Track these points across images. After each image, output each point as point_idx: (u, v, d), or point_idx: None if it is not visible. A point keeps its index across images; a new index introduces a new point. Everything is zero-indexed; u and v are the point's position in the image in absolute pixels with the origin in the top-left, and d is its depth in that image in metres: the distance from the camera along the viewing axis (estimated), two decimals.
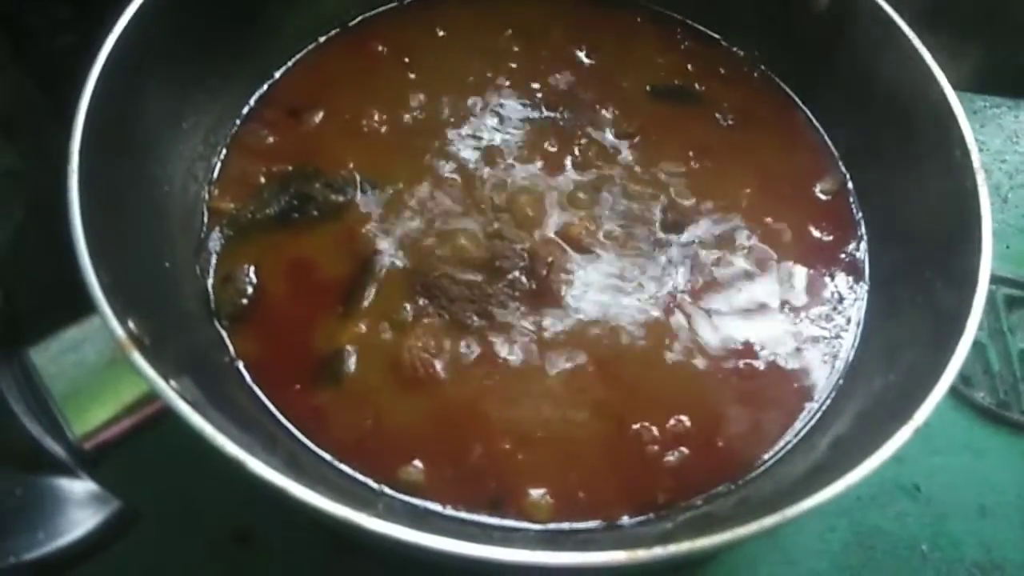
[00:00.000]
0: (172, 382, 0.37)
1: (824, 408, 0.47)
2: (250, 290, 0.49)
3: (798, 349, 0.50)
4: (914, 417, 0.37)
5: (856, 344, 0.50)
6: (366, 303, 0.49)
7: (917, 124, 0.52)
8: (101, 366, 0.38)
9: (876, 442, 0.38)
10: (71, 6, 0.64)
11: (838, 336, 0.50)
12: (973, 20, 0.77)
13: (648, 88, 0.60)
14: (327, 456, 0.45)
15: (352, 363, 0.47)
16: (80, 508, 0.33)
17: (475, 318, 0.49)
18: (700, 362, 0.49)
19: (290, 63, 0.59)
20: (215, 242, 0.51)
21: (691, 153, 0.57)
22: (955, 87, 0.50)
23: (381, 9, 0.62)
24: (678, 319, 0.50)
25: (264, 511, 0.48)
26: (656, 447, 0.46)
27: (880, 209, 0.54)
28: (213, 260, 0.50)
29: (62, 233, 0.40)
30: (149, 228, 0.48)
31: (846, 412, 0.46)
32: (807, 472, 0.43)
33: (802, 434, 0.46)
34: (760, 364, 0.49)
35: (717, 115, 0.59)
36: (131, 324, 0.38)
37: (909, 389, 0.41)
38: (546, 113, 0.58)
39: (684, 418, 0.47)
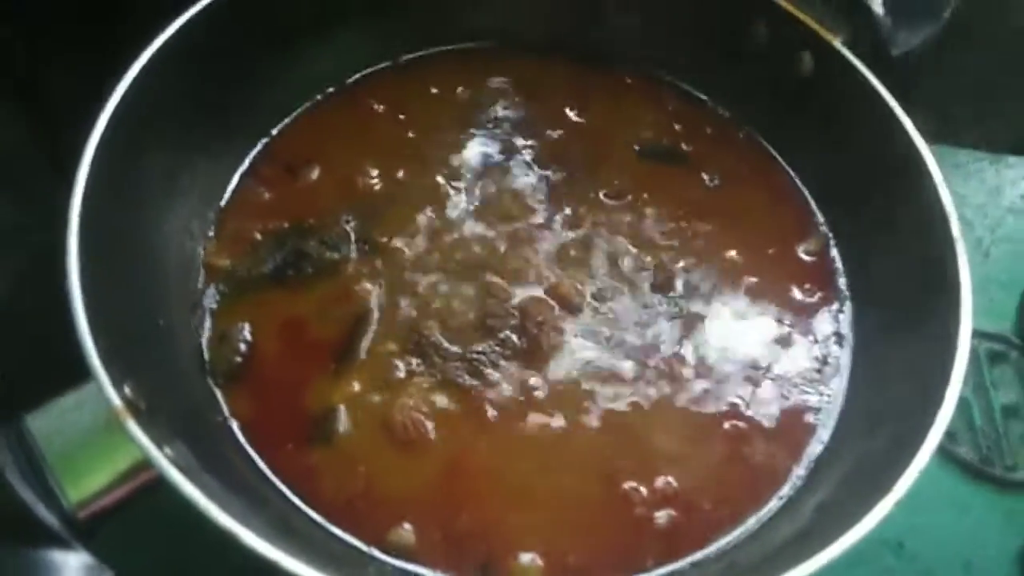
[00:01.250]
0: (166, 449, 0.37)
1: (810, 471, 0.48)
2: (244, 348, 0.50)
3: (784, 411, 0.50)
4: (895, 488, 0.38)
5: (841, 405, 0.51)
6: (359, 361, 0.50)
7: (896, 188, 0.53)
8: (97, 432, 0.38)
9: (859, 511, 0.39)
10: (71, 58, 0.65)
11: (823, 396, 0.51)
12: (953, 79, 0.79)
13: (636, 148, 0.61)
14: (318, 518, 0.45)
15: (344, 422, 0.48)
16: None
17: (467, 377, 0.50)
18: (688, 423, 0.49)
19: (288, 120, 0.60)
20: (210, 299, 0.52)
21: (679, 213, 0.58)
22: (936, 141, 0.52)
23: (377, 68, 0.64)
24: (666, 379, 0.51)
25: None
26: (645, 508, 0.46)
27: (862, 269, 0.56)
28: (208, 318, 0.51)
29: (60, 289, 0.41)
30: (145, 286, 0.49)
31: (831, 476, 0.47)
32: (792, 537, 0.43)
33: (789, 497, 0.47)
34: (746, 425, 0.49)
35: (703, 175, 0.60)
36: (127, 390, 0.39)
37: (893, 454, 0.42)
38: (538, 171, 0.60)
39: (671, 479, 0.47)
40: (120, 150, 0.46)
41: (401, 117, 0.62)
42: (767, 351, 0.53)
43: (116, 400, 0.37)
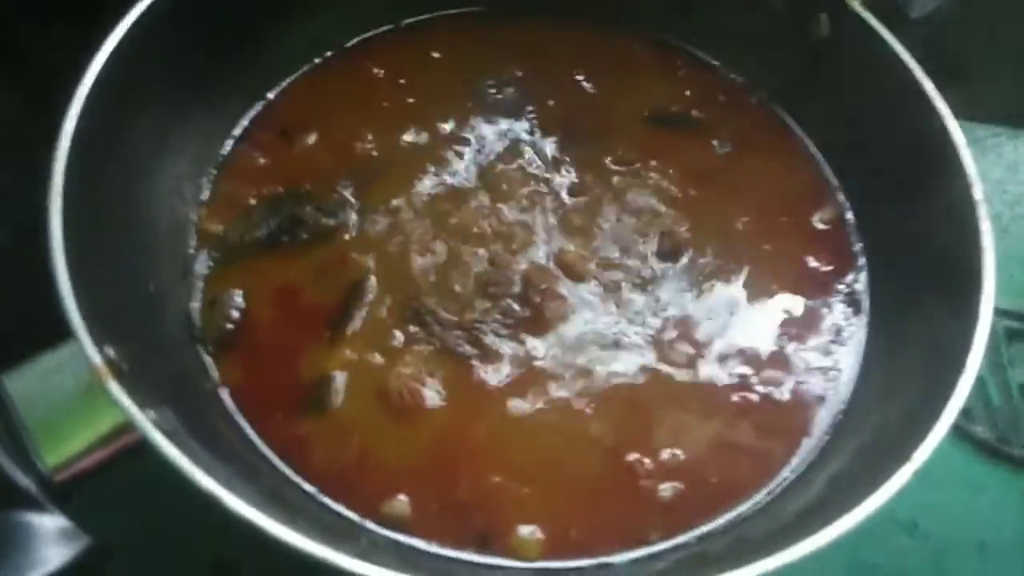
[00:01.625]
0: (149, 411, 0.36)
1: (822, 444, 0.46)
2: (236, 315, 0.48)
3: (796, 382, 0.48)
4: (913, 458, 0.36)
5: (855, 378, 0.49)
6: (354, 329, 0.48)
7: (917, 155, 0.51)
8: (77, 394, 0.36)
9: (874, 482, 0.37)
10: (66, 24, 0.63)
11: (836, 369, 0.49)
12: (973, 48, 0.77)
13: (646, 114, 0.59)
14: (310, 488, 0.43)
15: (338, 391, 0.46)
16: (49, 544, 0.32)
17: (466, 346, 0.48)
18: (695, 394, 0.48)
19: (284, 84, 0.58)
20: (202, 265, 0.50)
21: (689, 181, 0.56)
22: (955, 116, 0.50)
23: (377, 31, 0.62)
24: (673, 349, 0.49)
25: (244, 544, 0.46)
26: (649, 481, 0.45)
27: (879, 241, 0.54)
28: (199, 284, 0.49)
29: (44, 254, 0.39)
30: (134, 249, 0.47)
31: (844, 448, 0.45)
32: (803, 510, 0.42)
33: (799, 470, 0.45)
34: (756, 397, 0.48)
35: (714, 143, 0.58)
36: (109, 351, 0.37)
37: (909, 427, 0.40)
38: (544, 138, 0.58)
39: (678, 451, 0.46)
40: (107, 106, 0.45)
41: (401, 82, 0.60)
42: (779, 322, 0.51)
43: (97, 359, 0.36)
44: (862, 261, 0.54)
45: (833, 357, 0.50)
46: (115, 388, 0.35)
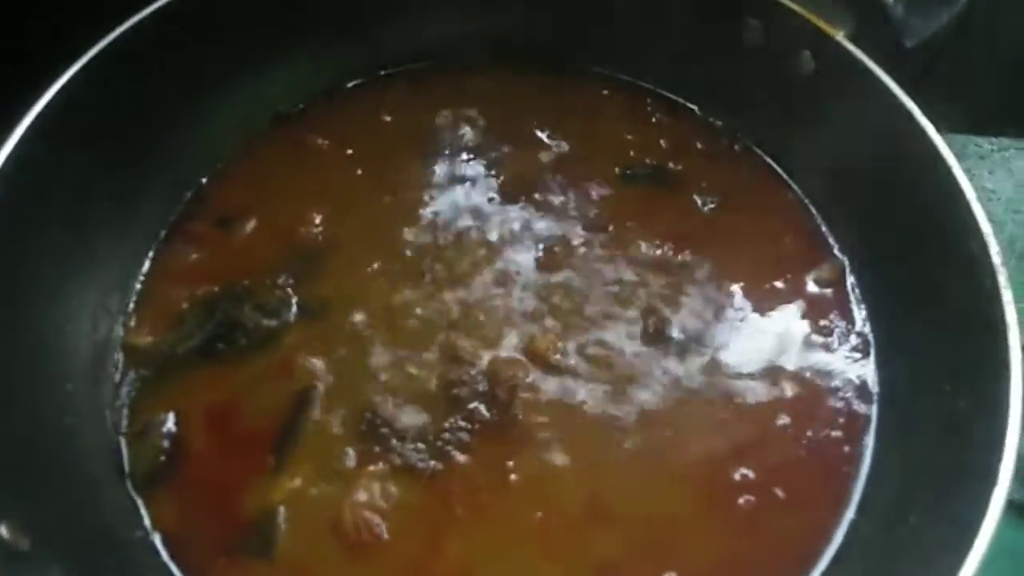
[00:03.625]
0: None
1: (839, 553, 0.40)
2: (168, 444, 0.43)
3: (805, 479, 0.43)
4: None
5: (869, 471, 0.43)
6: (301, 449, 0.43)
7: (921, 204, 0.46)
8: None
9: None
10: None
11: (850, 462, 0.43)
12: (973, 63, 0.71)
13: (617, 171, 0.54)
14: None
15: (285, 527, 0.41)
16: None
17: (429, 461, 0.43)
18: (692, 499, 0.42)
19: (219, 166, 0.53)
20: (129, 386, 0.45)
21: (670, 244, 0.50)
22: (958, 131, 0.44)
23: (317, 96, 0.56)
24: (667, 449, 0.43)
25: None
26: None
27: (884, 305, 0.48)
28: (126, 410, 0.44)
29: None
30: (48, 377, 0.42)
31: (867, 559, 0.39)
32: None
33: None
34: (761, 499, 0.42)
35: (696, 197, 0.52)
36: (3, 530, 0.32)
37: (936, 543, 0.35)
38: (506, 206, 0.52)
39: (674, 574, 0.40)
40: (12, 213, 0.40)
41: (349, 152, 0.54)
42: (781, 407, 0.45)
43: None
44: (868, 331, 0.48)
45: (843, 447, 0.44)
46: None
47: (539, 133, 0.55)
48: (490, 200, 0.52)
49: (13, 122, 0.42)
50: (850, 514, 0.42)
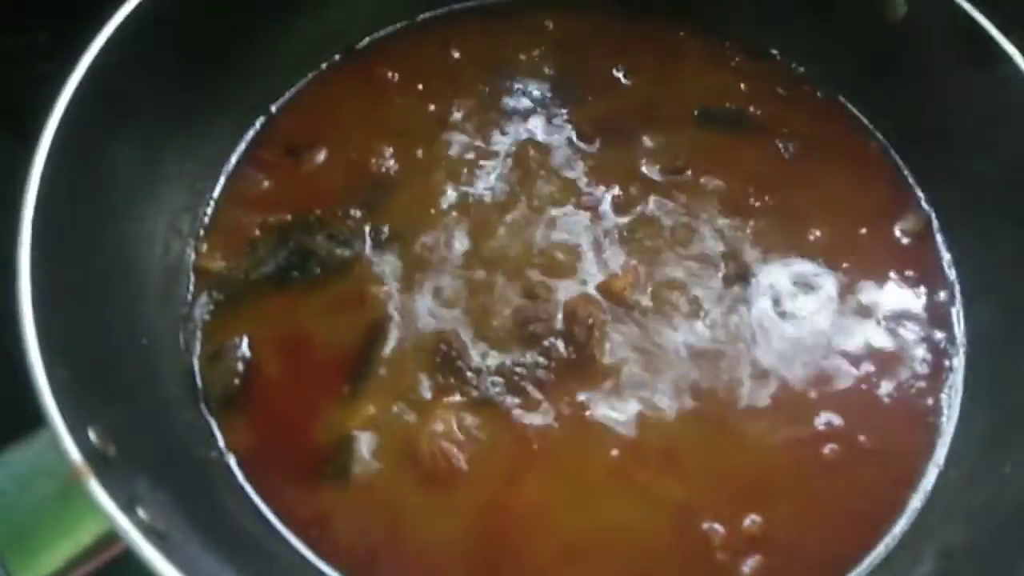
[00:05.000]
0: (140, 511, 0.30)
1: (927, 503, 0.40)
2: (242, 368, 0.42)
3: (890, 428, 0.42)
4: None
5: (957, 420, 0.42)
6: (376, 379, 0.42)
7: (1014, 154, 0.44)
8: (52, 498, 0.31)
9: (1006, 561, 0.31)
10: (49, 32, 0.57)
11: (936, 412, 0.42)
12: None
13: (695, 113, 0.52)
14: (333, 573, 0.38)
15: (361, 455, 0.40)
16: None
17: (506, 395, 0.42)
18: (775, 446, 0.41)
19: (288, 95, 0.52)
20: (202, 310, 0.44)
21: (750, 189, 0.49)
22: None
23: (391, 29, 0.55)
24: (748, 392, 0.42)
25: None
26: (728, 555, 0.38)
27: (974, 254, 0.46)
28: (199, 333, 0.43)
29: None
30: (123, 297, 0.41)
31: (956, 510, 0.38)
32: None
33: (903, 538, 0.39)
34: (848, 448, 0.41)
35: (777, 143, 0.51)
36: (92, 434, 0.32)
37: None
38: (581, 145, 0.51)
39: (757, 517, 0.39)
40: (87, 132, 0.39)
41: (419, 87, 0.53)
42: (864, 354, 0.44)
43: (76, 455, 0.30)
44: (955, 280, 0.46)
45: (928, 397, 0.43)
46: (98, 491, 0.29)
47: (616, 73, 0.54)
48: (564, 139, 0.51)
49: (94, 34, 0.41)
50: (938, 464, 0.41)
